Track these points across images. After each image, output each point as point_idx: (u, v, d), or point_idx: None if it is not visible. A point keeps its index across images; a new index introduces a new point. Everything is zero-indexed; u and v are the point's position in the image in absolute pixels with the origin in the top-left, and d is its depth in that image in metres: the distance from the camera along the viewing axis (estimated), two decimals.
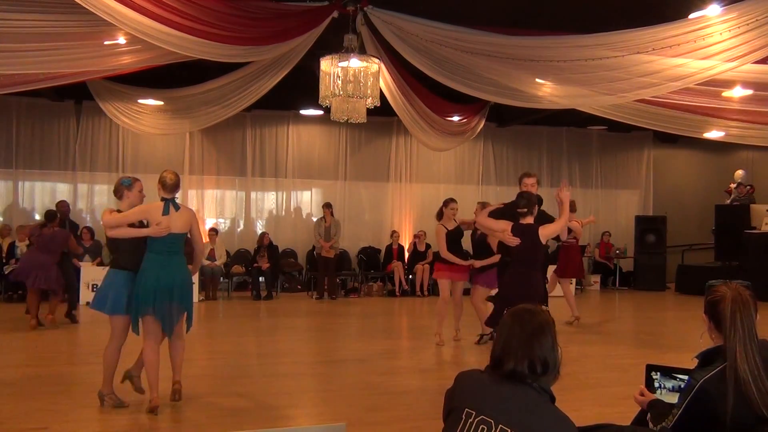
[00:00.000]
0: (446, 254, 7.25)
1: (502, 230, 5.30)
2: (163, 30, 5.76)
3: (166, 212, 4.71)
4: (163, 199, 4.80)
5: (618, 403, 5.04)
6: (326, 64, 6.65)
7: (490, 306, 7.22)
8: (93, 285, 9.67)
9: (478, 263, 7.33)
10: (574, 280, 10.01)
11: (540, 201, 9.00)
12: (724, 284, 2.52)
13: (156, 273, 4.66)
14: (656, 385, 2.81)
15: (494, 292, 7.29)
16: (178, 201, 4.94)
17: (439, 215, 7.49)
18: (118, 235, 4.73)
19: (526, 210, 5.23)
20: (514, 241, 5.19)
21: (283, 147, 13.32)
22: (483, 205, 7.62)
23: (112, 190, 5.07)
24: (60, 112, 12.18)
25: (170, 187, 4.82)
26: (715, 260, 13.52)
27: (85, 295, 10.20)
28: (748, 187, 13.68)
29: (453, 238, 7.37)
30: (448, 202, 7.53)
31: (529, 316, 2.04)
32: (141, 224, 4.76)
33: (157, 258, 4.70)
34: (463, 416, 1.94)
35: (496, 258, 6.98)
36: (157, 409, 4.62)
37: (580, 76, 6.79)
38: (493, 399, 1.95)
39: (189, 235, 4.94)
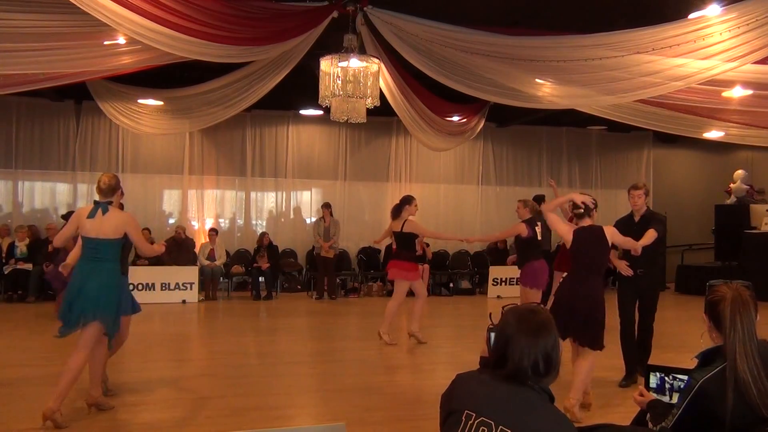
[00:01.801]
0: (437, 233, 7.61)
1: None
2: (161, 31, 5.74)
3: (91, 215, 4.55)
4: (95, 202, 4.66)
5: (618, 403, 5.04)
6: (326, 64, 6.64)
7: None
8: None
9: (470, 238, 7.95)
10: None
11: (543, 199, 9.12)
12: (724, 284, 2.52)
13: (78, 280, 4.51)
14: (653, 385, 2.81)
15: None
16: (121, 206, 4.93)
17: (399, 212, 7.47)
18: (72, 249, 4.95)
19: (582, 211, 5.04)
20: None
21: (283, 147, 13.32)
22: (525, 203, 7.54)
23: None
24: (60, 112, 12.18)
25: (104, 191, 4.65)
26: (715, 260, 13.53)
27: None
28: (751, 187, 13.72)
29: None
30: (413, 198, 7.64)
31: (531, 315, 2.03)
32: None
33: (82, 264, 4.56)
34: (463, 418, 1.94)
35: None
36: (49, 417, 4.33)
37: (580, 76, 6.78)
38: (492, 400, 1.94)
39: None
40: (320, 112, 11.93)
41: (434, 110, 9.50)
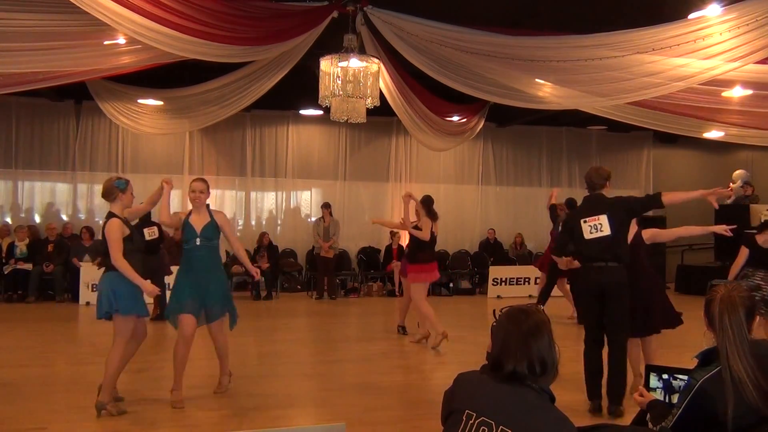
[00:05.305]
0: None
1: None
2: (161, 30, 5.73)
3: None
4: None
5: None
6: (326, 64, 6.64)
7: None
8: (93, 285, 9.64)
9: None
10: None
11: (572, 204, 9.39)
12: (722, 284, 2.52)
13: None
14: (652, 385, 2.81)
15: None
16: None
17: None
18: None
19: None
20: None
21: (283, 147, 13.32)
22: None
23: (103, 193, 4.71)
24: (60, 112, 12.18)
25: None
26: (715, 260, 13.52)
27: (85, 295, 10.23)
28: (751, 187, 13.70)
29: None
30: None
31: (525, 316, 2.03)
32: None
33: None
34: (464, 418, 1.94)
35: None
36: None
37: (580, 76, 6.78)
38: (493, 400, 1.95)
39: None
40: (320, 112, 11.93)
41: (434, 110, 9.49)
